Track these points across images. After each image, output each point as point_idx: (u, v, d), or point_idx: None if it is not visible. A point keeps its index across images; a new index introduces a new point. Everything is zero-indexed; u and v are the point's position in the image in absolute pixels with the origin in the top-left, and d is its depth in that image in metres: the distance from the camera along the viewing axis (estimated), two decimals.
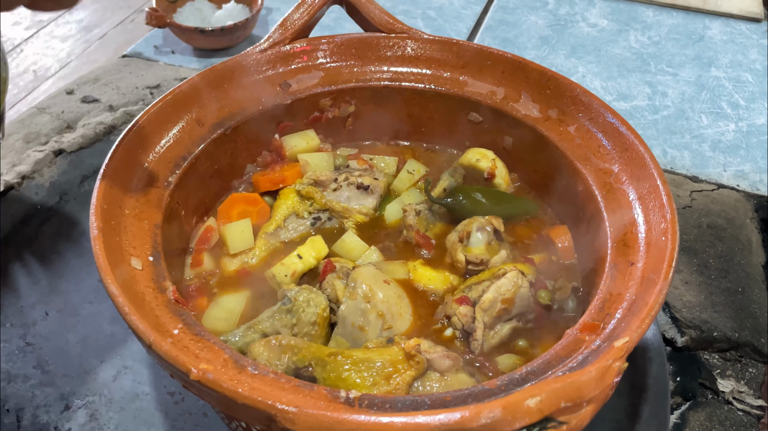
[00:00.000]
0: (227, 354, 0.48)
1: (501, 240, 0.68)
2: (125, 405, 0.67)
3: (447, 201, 0.71)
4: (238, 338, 0.58)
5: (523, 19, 1.35)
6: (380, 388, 0.53)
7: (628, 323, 0.51)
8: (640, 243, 0.58)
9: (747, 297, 0.80)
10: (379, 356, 0.55)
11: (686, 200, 0.93)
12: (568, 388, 0.41)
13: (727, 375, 0.74)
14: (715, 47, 1.26)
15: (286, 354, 0.54)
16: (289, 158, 0.76)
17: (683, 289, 0.81)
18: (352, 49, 0.77)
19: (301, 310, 0.58)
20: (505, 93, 0.74)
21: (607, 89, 1.15)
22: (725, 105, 1.12)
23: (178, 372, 0.45)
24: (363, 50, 0.77)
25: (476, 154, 0.75)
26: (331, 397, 0.45)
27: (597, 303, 0.54)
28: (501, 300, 0.60)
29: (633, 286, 0.54)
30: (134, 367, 0.70)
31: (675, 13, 1.36)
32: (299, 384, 0.46)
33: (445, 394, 0.47)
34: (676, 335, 0.76)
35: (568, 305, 0.64)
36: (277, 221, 0.70)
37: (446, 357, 0.55)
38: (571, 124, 0.69)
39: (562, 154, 0.69)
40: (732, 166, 1.00)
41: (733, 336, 0.76)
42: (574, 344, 0.51)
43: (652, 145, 1.03)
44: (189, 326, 0.51)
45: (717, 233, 0.88)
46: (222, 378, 0.44)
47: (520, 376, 0.48)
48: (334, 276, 0.63)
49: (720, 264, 0.84)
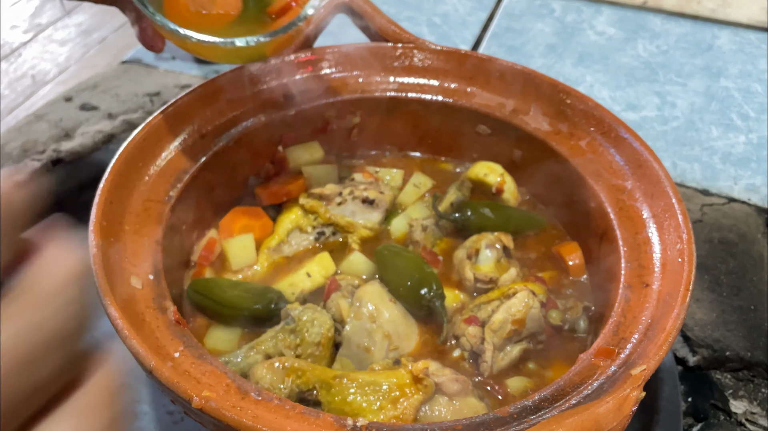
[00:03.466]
0: (230, 378, 0.46)
1: (510, 258, 0.66)
2: (124, 425, 0.65)
3: (455, 216, 0.69)
4: (240, 359, 0.56)
5: (530, 26, 1.33)
6: (387, 413, 0.51)
7: (644, 349, 0.49)
8: (655, 263, 0.56)
9: (760, 316, 0.78)
10: (386, 379, 0.53)
11: (697, 214, 0.91)
12: (586, 422, 0.40)
13: (739, 395, 0.72)
14: (724, 57, 1.24)
15: (290, 377, 0.52)
16: (293, 170, 0.74)
17: (695, 307, 0.79)
18: (358, 59, 0.75)
19: (305, 330, 0.57)
20: (514, 105, 0.73)
21: (615, 99, 1.13)
22: (735, 116, 1.10)
23: (179, 399, 0.43)
24: (368, 60, 0.76)
25: (484, 167, 0.73)
26: (337, 425, 0.43)
27: (611, 327, 0.53)
28: (511, 321, 0.58)
29: (649, 309, 0.53)
30: (133, 385, 0.68)
31: (683, 22, 1.34)
32: (304, 412, 0.44)
33: (456, 423, 0.45)
34: (687, 354, 0.75)
35: (580, 325, 0.62)
36: (280, 236, 0.68)
37: (455, 380, 0.53)
38: (582, 139, 0.68)
39: (573, 169, 0.67)
40: (743, 179, 0.98)
41: (746, 356, 0.74)
42: (588, 370, 0.49)
43: (662, 157, 1.01)
44: (190, 348, 0.49)
45: (728, 249, 0.86)
46: (224, 406, 0.42)
47: (533, 404, 0.46)
48: (339, 294, 0.61)
49: (732, 281, 0.82)
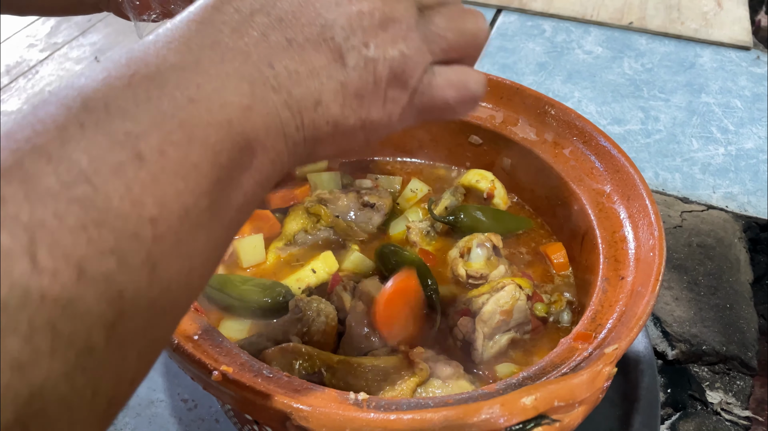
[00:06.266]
0: (244, 358, 0.52)
1: (500, 256, 0.71)
2: (141, 412, 0.70)
3: (449, 219, 0.75)
4: (252, 344, 0.61)
5: (521, 46, 1.40)
6: (385, 394, 0.56)
7: (618, 332, 0.54)
8: (630, 258, 0.62)
9: (735, 313, 0.84)
10: (385, 363, 0.58)
11: (677, 220, 0.97)
12: (562, 389, 0.45)
13: (715, 387, 0.77)
14: (705, 74, 1.31)
15: (298, 361, 0.57)
16: (299, 177, 0.80)
17: (674, 305, 0.84)
18: None
19: (312, 320, 0.62)
20: (503, 117, 0.79)
21: (601, 114, 1.20)
22: (715, 130, 1.16)
23: (200, 373, 0.49)
24: None
25: (476, 175, 0.79)
26: (341, 399, 0.48)
27: (589, 315, 0.58)
28: (500, 312, 0.63)
29: (623, 298, 0.58)
30: (149, 375, 0.73)
31: (667, 41, 1.41)
32: (311, 387, 0.49)
33: (447, 397, 0.50)
34: (666, 349, 0.80)
35: (564, 317, 0.67)
36: (287, 236, 0.74)
37: (448, 364, 0.59)
38: (566, 147, 0.74)
39: (558, 176, 0.73)
40: (721, 188, 1.04)
41: (722, 350, 0.79)
42: (567, 352, 0.54)
43: (644, 167, 1.07)
44: (207, 332, 0.54)
45: (706, 252, 0.92)
46: (241, 379, 0.48)
47: (517, 381, 0.51)
48: (341, 288, 0.66)
49: (709, 282, 0.88)
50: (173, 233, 0.25)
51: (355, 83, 0.33)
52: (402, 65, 0.34)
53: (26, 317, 0.20)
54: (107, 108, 0.25)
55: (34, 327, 0.20)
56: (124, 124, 0.24)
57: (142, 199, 0.24)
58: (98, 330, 0.22)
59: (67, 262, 0.21)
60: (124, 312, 0.23)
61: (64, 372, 0.21)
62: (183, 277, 0.27)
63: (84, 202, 0.22)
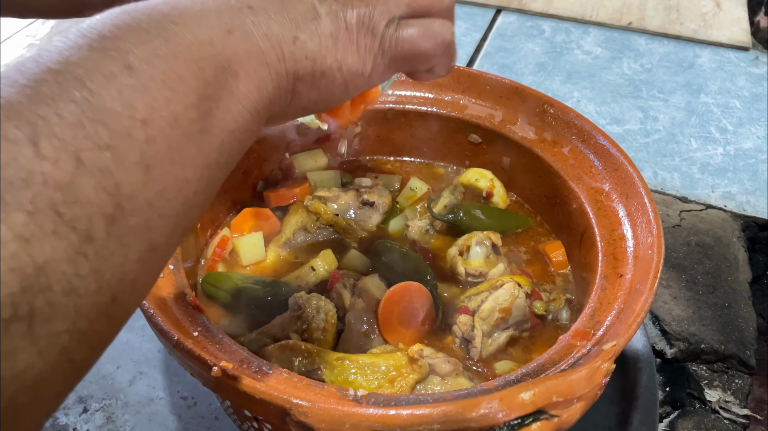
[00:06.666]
0: (244, 354, 0.52)
1: (499, 254, 0.72)
2: (140, 409, 0.70)
3: (448, 217, 0.75)
4: (251, 342, 0.61)
5: (521, 46, 1.40)
6: (385, 390, 0.56)
7: (616, 329, 0.55)
8: (628, 256, 0.62)
9: (733, 312, 0.84)
10: (384, 361, 0.58)
11: (676, 219, 0.97)
12: (560, 385, 0.45)
13: (714, 385, 0.77)
14: (704, 74, 1.31)
15: (297, 358, 0.58)
16: (299, 176, 0.80)
17: (672, 304, 0.85)
18: None
19: (311, 317, 0.62)
20: (503, 116, 0.79)
21: (601, 113, 1.20)
22: (714, 129, 1.17)
23: (200, 369, 0.49)
24: None
25: (475, 173, 0.79)
26: (340, 395, 0.48)
27: (588, 312, 0.58)
28: (498, 309, 0.64)
29: (621, 296, 0.58)
30: (149, 373, 0.74)
31: (666, 42, 1.42)
32: (310, 383, 0.49)
33: (446, 394, 0.50)
34: (665, 347, 0.80)
35: (562, 315, 0.68)
36: (287, 234, 0.74)
37: (447, 362, 0.59)
38: (564, 146, 0.74)
39: (557, 174, 0.73)
40: (720, 187, 1.04)
41: (720, 349, 0.80)
42: (566, 349, 0.55)
43: (643, 167, 1.08)
44: (207, 329, 0.55)
45: (705, 251, 0.92)
46: (241, 375, 0.48)
47: (516, 378, 0.52)
48: (341, 285, 0.66)
49: (708, 281, 0.88)
50: (164, 137, 0.28)
51: (328, 27, 0.38)
52: (369, 15, 0.39)
53: (29, 196, 0.22)
54: (101, 33, 0.28)
55: (37, 206, 0.22)
56: (115, 43, 0.28)
57: (133, 102, 0.27)
58: (98, 219, 0.25)
59: (66, 152, 0.24)
60: (122, 207, 0.26)
61: (67, 255, 0.23)
62: (178, 185, 0.29)
63: (80, 102, 0.25)
